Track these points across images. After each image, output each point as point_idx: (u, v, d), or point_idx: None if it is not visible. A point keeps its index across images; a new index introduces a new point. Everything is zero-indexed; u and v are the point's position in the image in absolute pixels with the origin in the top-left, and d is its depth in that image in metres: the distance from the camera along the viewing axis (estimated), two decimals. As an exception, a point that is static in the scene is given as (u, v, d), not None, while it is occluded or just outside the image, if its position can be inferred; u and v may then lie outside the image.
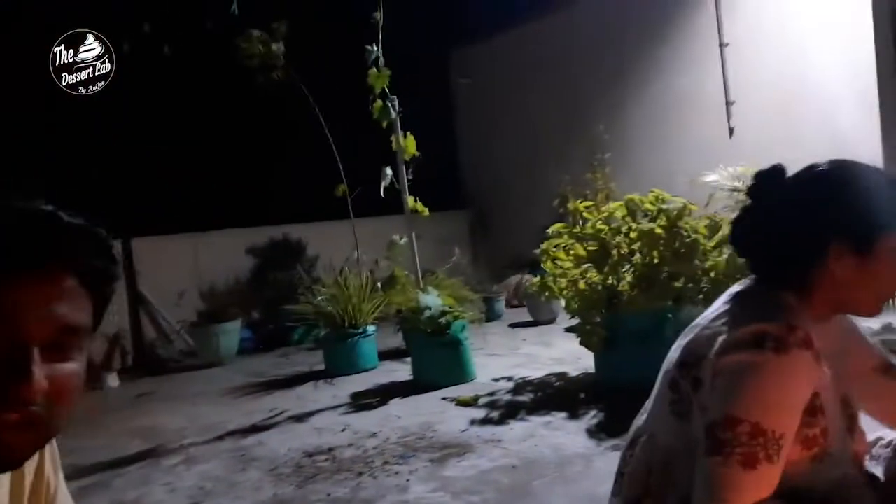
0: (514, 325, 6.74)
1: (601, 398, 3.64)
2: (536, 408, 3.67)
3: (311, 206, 7.87)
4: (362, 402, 4.32)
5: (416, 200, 4.72)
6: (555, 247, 3.97)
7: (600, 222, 3.96)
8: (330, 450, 3.30)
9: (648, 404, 1.33)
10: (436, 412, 3.81)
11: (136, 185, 7.23)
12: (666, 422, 1.24)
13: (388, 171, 4.74)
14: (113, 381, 6.20)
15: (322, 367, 5.54)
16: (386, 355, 5.74)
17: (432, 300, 4.55)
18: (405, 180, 4.73)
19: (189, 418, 4.44)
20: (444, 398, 4.10)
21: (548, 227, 4.44)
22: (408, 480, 2.74)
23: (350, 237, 5.98)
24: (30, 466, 0.84)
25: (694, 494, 1.08)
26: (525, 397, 3.95)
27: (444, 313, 4.54)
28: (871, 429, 1.37)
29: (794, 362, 1.07)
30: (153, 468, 3.40)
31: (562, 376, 4.37)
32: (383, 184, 4.69)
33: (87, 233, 0.75)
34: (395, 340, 6.24)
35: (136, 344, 7.15)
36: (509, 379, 4.44)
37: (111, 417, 4.81)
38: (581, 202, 4.13)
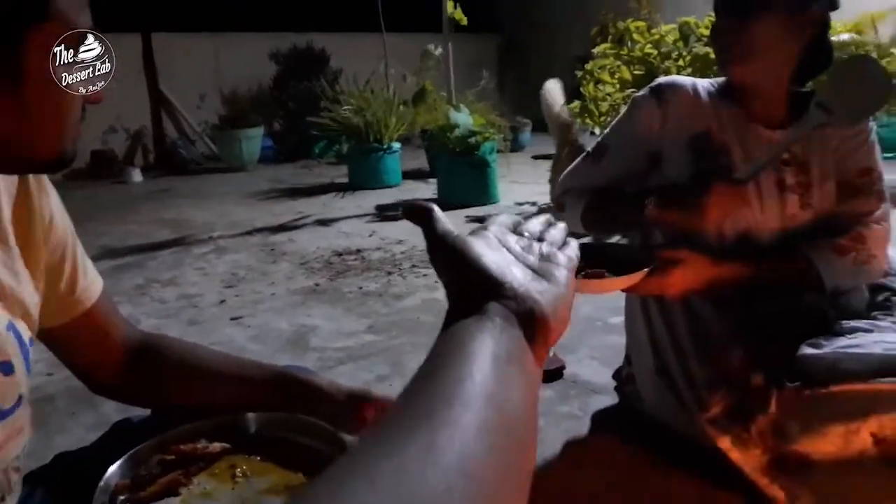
0: (537, 157, 6.65)
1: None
2: (561, 231, 3.69)
3: (337, 15, 7.47)
4: (387, 213, 4.36)
5: (455, 6, 4.43)
6: (599, 68, 3.78)
7: (649, 46, 3.74)
8: (358, 251, 3.38)
9: None
10: (461, 228, 3.84)
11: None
12: None
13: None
14: (136, 175, 6.28)
15: (345, 180, 5.56)
16: (408, 175, 5.73)
17: (463, 118, 4.44)
18: (446, -18, 4.41)
19: (216, 214, 4.52)
20: (468, 216, 4.13)
21: (583, 58, 4.18)
22: (436, 282, 2.81)
23: (375, 52, 5.72)
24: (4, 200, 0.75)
25: None
26: (549, 221, 3.97)
27: (473, 133, 4.45)
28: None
29: (634, 99, 1.41)
30: (185, 254, 3.51)
31: (586, 205, 4.36)
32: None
33: None
34: (418, 161, 6.21)
35: (158, 143, 7.14)
36: (533, 204, 4.45)
37: (138, 208, 4.91)
38: (632, 21, 3.86)
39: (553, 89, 3.95)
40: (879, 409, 1.06)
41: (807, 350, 1.18)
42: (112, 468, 0.76)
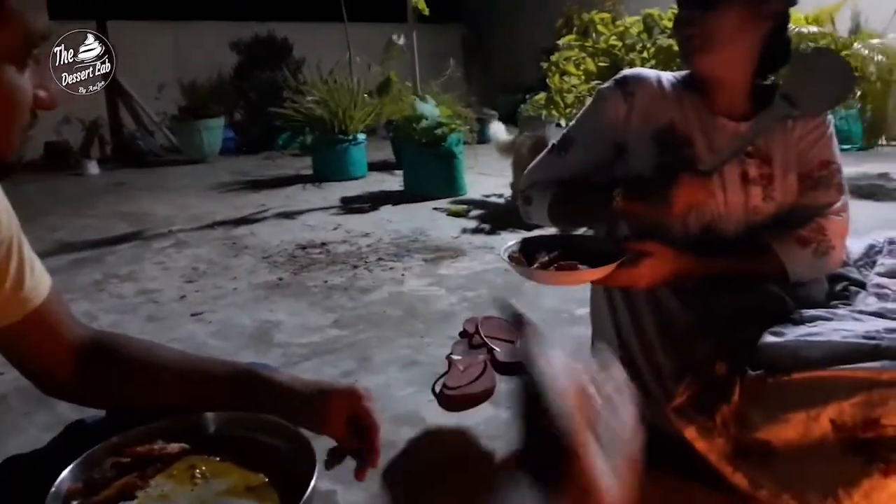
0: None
1: (592, 218, 3.68)
2: (527, 223, 3.70)
3: (299, 4, 7.36)
4: (353, 206, 4.32)
5: (418, -4, 4.39)
6: (565, 60, 3.79)
7: (614, 38, 3.76)
8: (323, 244, 3.34)
9: None
10: (427, 220, 3.84)
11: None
12: None
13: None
14: (93, 168, 6.10)
15: (309, 171, 5.49)
16: (374, 166, 5.68)
17: (429, 109, 4.41)
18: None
19: (176, 207, 4.42)
20: (435, 208, 4.12)
21: (549, 50, 4.19)
22: (403, 275, 2.80)
23: (338, 42, 5.64)
24: None
25: None
26: (516, 213, 3.97)
27: (440, 125, 4.43)
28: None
29: (599, 92, 1.41)
30: (144, 249, 3.42)
31: (552, 197, 4.38)
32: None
33: None
34: (383, 153, 6.16)
35: (115, 134, 6.95)
36: (500, 196, 4.45)
37: (96, 201, 4.78)
38: (597, 13, 3.88)
39: (498, 131, 4.26)
40: (839, 395, 1.08)
41: (768, 338, 1.20)
42: (64, 473, 0.73)
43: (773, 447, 1.14)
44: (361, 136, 5.37)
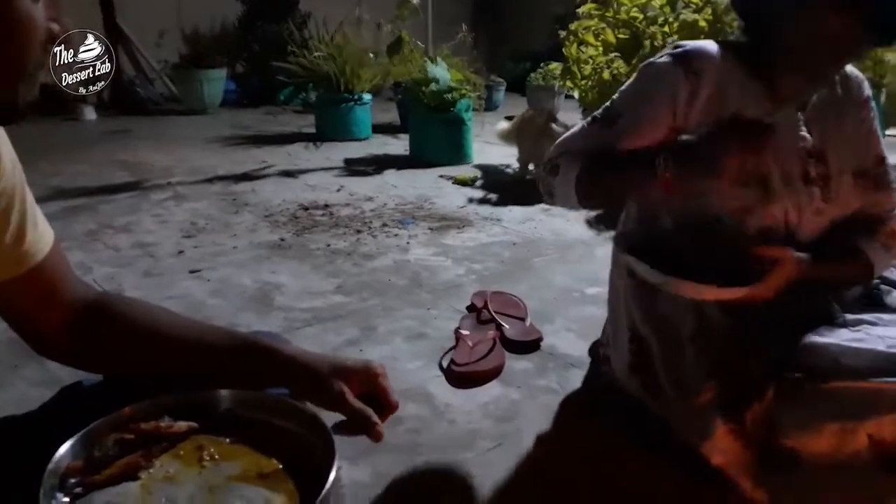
0: (511, 118, 6.52)
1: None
2: (535, 195, 3.62)
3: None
4: (356, 168, 4.22)
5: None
6: (584, 29, 3.66)
7: (635, 9, 3.63)
8: (326, 206, 3.25)
9: None
10: (433, 187, 3.75)
11: None
12: None
13: None
14: (90, 113, 5.95)
15: (311, 129, 5.37)
16: (378, 128, 5.56)
17: (441, 73, 4.28)
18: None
19: (175, 159, 4.31)
20: (441, 175, 4.02)
21: (561, 18, 4.04)
22: (408, 242, 2.73)
23: (347, -2, 5.46)
24: None
25: None
26: (523, 185, 3.89)
27: (450, 89, 4.31)
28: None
29: (653, 66, 1.23)
30: (141, 199, 3.33)
31: (560, 170, 4.29)
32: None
33: None
34: (388, 115, 6.03)
35: (113, 80, 6.75)
36: (507, 166, 4.36)
37: (92, 148, 4.66)
38: (620, -17, 3.73)
39: (500, 128, 4.22)
40: (880, 409, 1.01)
41: (808, 339, 1.13)
42: (63, 448, 0.67)
43: (800, 456, 1.07)
44: (367, 97, 5.24)
